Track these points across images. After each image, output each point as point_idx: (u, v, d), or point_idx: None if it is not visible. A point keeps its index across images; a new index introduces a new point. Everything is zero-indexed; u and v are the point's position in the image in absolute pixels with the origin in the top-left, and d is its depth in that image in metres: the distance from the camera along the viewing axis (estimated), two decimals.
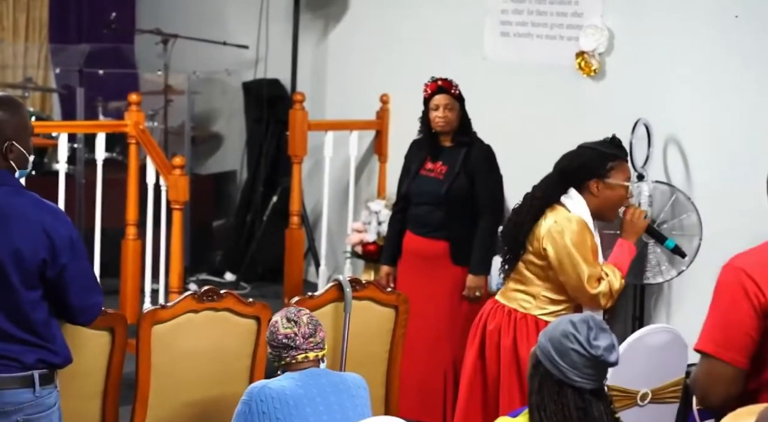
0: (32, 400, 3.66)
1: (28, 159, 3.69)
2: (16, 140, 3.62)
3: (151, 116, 7.99)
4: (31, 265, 3.59)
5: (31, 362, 3.64)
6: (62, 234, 3.63)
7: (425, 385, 5.61)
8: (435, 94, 5.65)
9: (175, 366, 4.37)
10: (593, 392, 3.02)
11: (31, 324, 3.63)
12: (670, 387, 4.68)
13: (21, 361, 3.63)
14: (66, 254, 3.64)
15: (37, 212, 3.63)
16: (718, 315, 3.15)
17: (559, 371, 3.00)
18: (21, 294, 3.60)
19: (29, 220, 3.60)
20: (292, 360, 3.84)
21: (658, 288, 5.93)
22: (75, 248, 3.67)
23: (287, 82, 7.78)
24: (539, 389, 3.03)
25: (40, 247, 3.59)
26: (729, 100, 5.67)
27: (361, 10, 7.59)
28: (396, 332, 4.83)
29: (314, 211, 7.69)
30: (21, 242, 3.58)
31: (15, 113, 3.64)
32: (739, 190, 5.63)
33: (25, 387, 3.64)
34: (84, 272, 3.74)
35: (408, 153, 5.87)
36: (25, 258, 3.58)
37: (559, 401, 3.00)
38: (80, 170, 7.24)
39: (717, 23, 5.69)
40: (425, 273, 5.62)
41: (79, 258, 3.71)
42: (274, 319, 3.91)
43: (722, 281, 3.16)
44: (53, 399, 3.73)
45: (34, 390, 3.66)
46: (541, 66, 6.45)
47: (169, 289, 6.19)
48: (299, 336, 3.84)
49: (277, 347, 3.85)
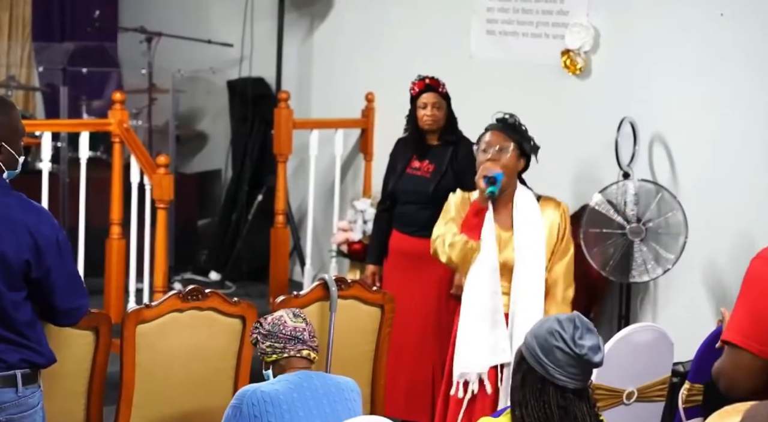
0: (15, 400, 3.64)
1: (18, 160, 3.67)
2: (6, 141, 3.60)
3: (135, 115, 7.97)
4: (15, 266, 3.57)
5: (13, 361, 3.62)
6: (47, 235, 3.62)
7: (413, 385, 5.60)
8: (423, 92, 5.64)
9: (159, 365, 4.35)
10: (576, 392, 3.01)
11: (14, 323, 3.62)
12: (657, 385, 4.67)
13: (4, 360, 3.61)
14: (51, 255, 3.62)
15: (22, 212, 3.61)
16: (747, 307, 3.12)
17: (542, 368, 2.99)
18: (4, 295, 3.58)
19: (13, 221, 3.58)
20: (297, 354, 3.78)
21: (644, 287, 5.93)
22: (61, 250, 3.65)
23: (272, 81, 7.77)
24: (522, 385, 3.03)
25: (24, 248, 3.57)
26: (715, 98, 5.67)
27: (346, 8, 7.58)
28: (382, 331, 4.82)
29: (299, 210, 7.68)
30: (4, 244, 3.56)
31: (5, 114, 3.62)
32: (724, 188, 5.64)
33: (7, 386, 3.62)
34: (69, 274, 3.72)
35: (393, 151, 5.86)
36: (8, 259, 3.56)
37: (541, 398, 2.99)
38: (64, 169, 7.20)
39: (703, 21, 5.70)
40: (412, 272, 5.60)
41: (65, 260, 3.68)
42: (277, 314, 3.85)
43: (751, 273, 3.13)
44: (36, 399, 3.71)
45: (17, 390, 3.63)
46: (527, 64, 6.44)
47: (153, 288, 6.17)
48: (307, 331, 3.82)
49: (282, 339, 3.78)
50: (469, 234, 4.54)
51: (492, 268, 4.58)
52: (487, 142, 4.60)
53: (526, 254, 4.60)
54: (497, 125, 4.64)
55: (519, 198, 4.64)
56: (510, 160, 4.58)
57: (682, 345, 4.75)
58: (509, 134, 4.59)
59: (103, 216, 6.42)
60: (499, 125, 4.63)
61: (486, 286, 4.59)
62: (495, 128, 4.62)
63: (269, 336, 3.82)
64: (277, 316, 3.86)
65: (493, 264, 4.58)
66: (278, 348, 3.80)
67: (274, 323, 3.83)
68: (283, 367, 3.80)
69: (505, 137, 4.58)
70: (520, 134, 4.61)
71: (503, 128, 4.61)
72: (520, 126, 4.63)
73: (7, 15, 8.76)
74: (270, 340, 3.81)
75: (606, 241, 5.64)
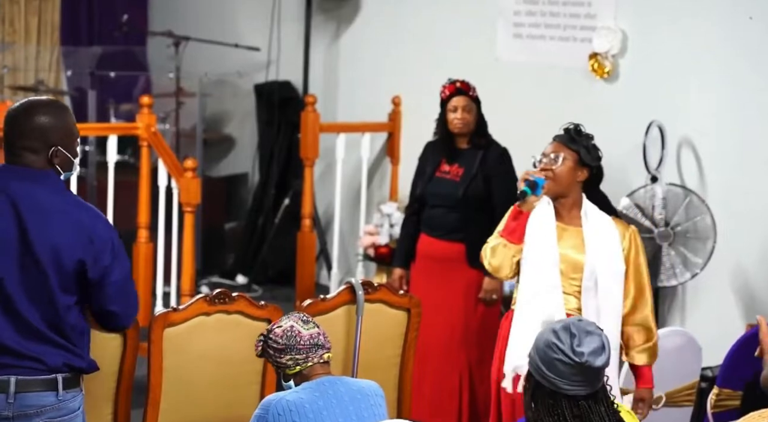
0: (55, 404, 3.62)
1: (74, 162, 3.70)
2: (62, 145, 3.63)
3: (162, 119, 7.99)
4: (69, 263, 3.57)
5: (55, 364, 3.61)
6: (102, 236, 3.62)
7: (440, 389, 5.58)
8: (453, 96, 5.63)
9: (186, 369, 4.35)
10: (588, 397, 2.97)
11: (62, 326, 3.61)
12: (685, 390, 4.66)
13: (45, 363, 3.60)
14: (107, 256, 3.61)
15: (78, 211, 3.63)
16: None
17: (549, 382, 2.96)
18: (57, 295, 3.58)
19: (69, 217, 3.59)
20: (320, 361, 3.74)
21: (672, 291, 5.90)
22: (116, 251, 3.64)
23: (299, 84, 7.78)
24: (533, 402, 3.00)
25: (79, 246, 3.57)
26: (743, 101, 5.65)
27: (373, 11, 7.58)
28: (408, 335, 4.81)
29: (326, 214, 7.68)
30: (59, 239, 3.56)
31: (61, 119, 3.65)
32: (753, 192, 5.61)
33: (48, 390, 3.62)
34: (124, 277, 3.71)
35: (422, 155, 5.85)
36: (62, 255, 3.56)
37: (554, 412, 2.95)
38: (92, 172, 7.24)
39: (731, 25, 5.67)
40: (440, 276, 5.59)
41: (120, 262, 3.67)
42: (287, 325, 3.77)
43: None
44: (77, 404, 3.70)
45: (57, 394, 3.63)
46: (554, 67, 6.43)
47: (180, 292, 6.18)
48: (321, 335, 3.79)
49: (303, 349, 3.73)
50: (508, 237, 4.48)
51: (551, 262, 4.43)
52: (544, 152, 4.56)
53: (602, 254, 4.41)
54: (558, 135, 4.58)
55: (588, 206, 4.54)
56: (563, 168, 4.46)
57: (711, 350, 4.73)
58: (567, 144, 4.51)
59: (130, 220, 6.45)
60: (559, 136, 4.57)
61: (543, 280, 4.42)
62: (556, 138, 4.58)
63: (287, 349, 3.74)
64: (287, 328, 3.77)
65: (552, 258, 4.44)
66: (300, 359, 3.75)
67: (288, 335, 3.75)
68: (305, 376, 3.75)
69: (562, 147, 4.50)
70: (578, 143, 4.50)
71: (563, 138, 4.55)
72: (579, 135, 4.53)
73: (35, 20, 8.80)
74: (289, 354, 3.74)
75: None
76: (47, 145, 3.61)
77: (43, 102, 3.69)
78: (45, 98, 3.76)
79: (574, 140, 4.51)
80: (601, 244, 4.43)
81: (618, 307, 4.38)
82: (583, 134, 4.53)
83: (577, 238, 4.44)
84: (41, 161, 3.62)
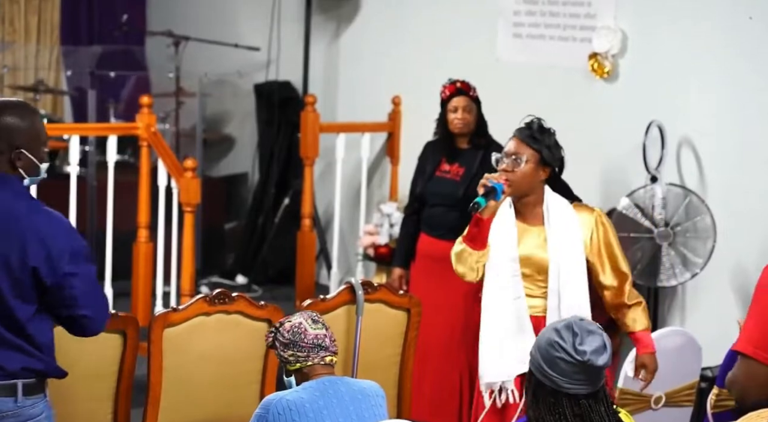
0: (14, 409, 3.54)
1: (39, 167, 3.58)
2: (26, 148, 3.52)
3: (162, 119, 7.99)
4: (20, 271, 3.47)
5: (14, 369, 3.53)
6: (59, 243, 3.51)
7: (440, 389, 5.58)
8: (453, 96, 5.63)
9: (186, 368, 4.36)
10: (589, 396, 2.97)
11: (23, 330, 3.51)
12: (684, 390, 4.66)
13: (4, 368, 3.52)
14: (64, 263, 3.50)
15: (35, 217, 3.51)
16: (758, 316, 3.11)
17: (550, 381, 2.96)
18: (10, 302, 3.48)
19: (21, 224, 3.49)
20: (321, 362, 3.75)
21: (672, 291, 5.90)
22: (76, 258, 3.53)
23: (299, 84, 7.78)
24: (534, 401, 3.00)
25: (31, 255, 3.47)
26: (743, 101, 5.65)
27: (373, 11, 7.58)
28: (408, 335, 4.81)
29: (326, 213, 7.68)
30: (6, 248, 3.46)
31: (26, 120, 3.54)
32: (753, 192, 5.61)
33: (7, 395, 3.53)
34: (90, 282, 3.59)
35: (422, 154, 5.85)
36: (11, 265, 3.47)
37: (556, 411, 2.95)
38: (92, 172, 7.24)
39: (731, 25, 5.67)
40: (440, 275, 5.59)
41: (83, 268, 3.56)
42: (296, 321, 3.79)
43: (763, 283, 3.11)
44: (38, 410, 3.60)
45: (16, 400, 3.54)
46: (554, 67, 6.43)
47: (180, 292, 6.18)
48: (328, 337, 3.80)
49: (305, 347, 3.74)
50: (470, 244, 4.41)
51: (511, 272, 4.39)
52: (505, 151, 4.46)
53: (565, 251, 4.37)
54: (518, 132, 4.46)
55: (550, 200, 4.48)
56: (525, 170, 4.37)
57: (710, 350, 4.74)
58: (528, 142, 4.38)
59: (130, 220, 6.44)
60: (520, 132, 4.42)
61: (508, 291, 4.40)
62: (516, 135, 4.46)
63: (290, 345, 3.76)
64: (296, 323, 3.79)
65: (512, 269, 4.38)
66: (301, 356, 3.75)
67: (295, 331, 3.76)
68: (306, 374, 3.76)
69: (524, 146, 4.38)
70: (540, 142, 4.38)
71: (524, 136, 4.41)
72: (542, 132, 4.41)
73: (35, 19, 8.80)
74: (292, 349, 3.76)
75: (634, 245, 5.62)
76: (11, 147, 3.51)
77: (11, 103, 3.60)
78: (15, 99, 3.68)
79: (537, 140, 4.39)
80: (563, 241, 4.40)
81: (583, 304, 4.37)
82: (546, 130, 4.43)
83: (539, 237, 4.42)
84: (3, 163, 3.52)
